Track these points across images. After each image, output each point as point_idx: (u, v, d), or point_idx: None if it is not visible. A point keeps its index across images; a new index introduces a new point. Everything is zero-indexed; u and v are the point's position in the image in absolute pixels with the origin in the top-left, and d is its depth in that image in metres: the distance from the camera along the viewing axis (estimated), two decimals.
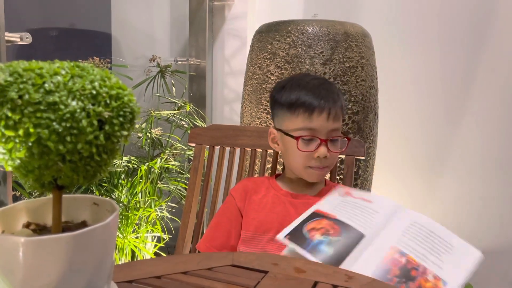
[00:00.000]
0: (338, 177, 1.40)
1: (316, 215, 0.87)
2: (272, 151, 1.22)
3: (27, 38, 1.13)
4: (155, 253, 1.78)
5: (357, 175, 1.50)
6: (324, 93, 1.02)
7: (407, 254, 0.76)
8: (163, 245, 1.78)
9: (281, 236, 0.82)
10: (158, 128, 1.84)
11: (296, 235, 0.81)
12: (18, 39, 1.12)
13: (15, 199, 1.39)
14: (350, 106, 1.46)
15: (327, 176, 1.25)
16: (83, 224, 0.48)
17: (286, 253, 0.80)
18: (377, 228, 0.83)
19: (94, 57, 1.57)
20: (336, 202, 0.90)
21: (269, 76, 1.50)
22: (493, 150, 1.91)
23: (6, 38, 1.10)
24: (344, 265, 0.74)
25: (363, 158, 1.17)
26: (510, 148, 1.90)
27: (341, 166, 1.39)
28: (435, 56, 1.95)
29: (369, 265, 0.74)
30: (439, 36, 1.94)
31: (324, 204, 0.90)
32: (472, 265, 0.77)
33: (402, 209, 0.88)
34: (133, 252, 1.69)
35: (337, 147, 1.02)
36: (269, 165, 1.42)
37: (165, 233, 1.76)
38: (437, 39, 1.94)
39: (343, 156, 1.17)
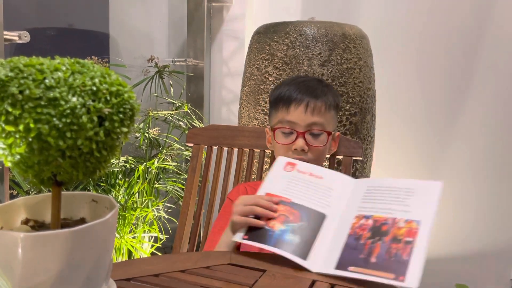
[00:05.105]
0: None
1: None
2: (270, 151, 1.22)
3: (25, 37, 1.13)
4: (152, 253, 1.77)
5: (354, 176, 1.50)
6: (304, 88, 1.03)
7: (372, 215, 0.74)
8: (160, 245, 1.77)
9: (238, 237, 0.76)
10: (155, 128, 1.84)
11: (255, 232, 0.76)
12: (16, 38, 1.11)
13: (12, 198, 1.39)
14: (347, 107, 1.46)
15: None
16: (82, 221, 0.48)
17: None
18: (336, 205, 0.79)
19: (93, 57, 1.57)
20: (284, 181, 0.84)
21: (267, 77, 1.50)
22: (491, 152, 1.92)
23: (4, 36, 1.10)
24: (314, 250, 0.71)
25: (361, 159, 1.18)
26: (507, 150, 1.91)
27: (338, 167, 1.39)
28: (432, 58, 1.96)
29: (339, 241, 0.71)
30: (436, 37, 1.94)
31: (273, 185, 0.84)
32: (437, 195, 0.75)
33: (354, 180, 0.84)
34: (130, 252, 1.68)
35: (319, 142, 1.01)
36: (266, 166, 1.43)
37: (162, 233, 1.76)
38: (434, 40, 1.95)
39: (340, 157, 1.18)
